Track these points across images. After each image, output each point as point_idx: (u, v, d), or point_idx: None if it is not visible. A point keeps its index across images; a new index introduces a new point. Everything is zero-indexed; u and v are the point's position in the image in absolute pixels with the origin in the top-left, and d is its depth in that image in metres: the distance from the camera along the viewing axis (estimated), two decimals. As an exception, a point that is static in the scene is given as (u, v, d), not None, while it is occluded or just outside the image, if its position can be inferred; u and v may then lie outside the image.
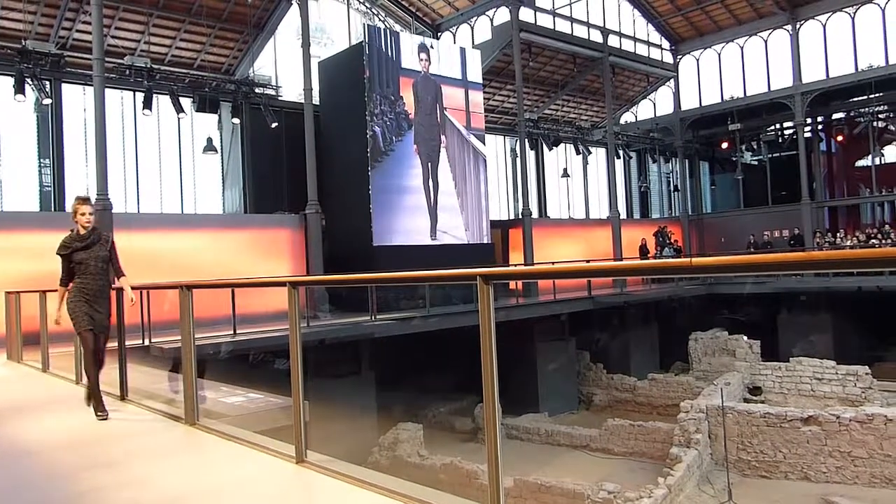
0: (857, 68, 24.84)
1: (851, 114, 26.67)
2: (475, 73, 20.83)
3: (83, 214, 5.66)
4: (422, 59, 19.36)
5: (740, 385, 18.01)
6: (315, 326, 13.79)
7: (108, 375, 6.71)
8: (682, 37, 29.06)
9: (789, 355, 18.97)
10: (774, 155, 28.72)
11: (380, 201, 17.93)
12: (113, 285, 5.93)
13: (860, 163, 27.64)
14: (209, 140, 18.22)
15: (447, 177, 19.56)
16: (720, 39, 28.34)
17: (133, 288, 5.83)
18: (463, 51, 20.81)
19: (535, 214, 24.57)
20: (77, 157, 16.96)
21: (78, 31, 16.61)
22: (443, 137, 19.54)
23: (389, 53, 18.68)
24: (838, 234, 25.29)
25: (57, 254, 5.64)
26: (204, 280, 10.74)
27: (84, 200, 5.72)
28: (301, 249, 17.39)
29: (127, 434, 4.96)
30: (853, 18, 24.83)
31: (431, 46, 19.77)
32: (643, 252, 25.28)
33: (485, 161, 20.86)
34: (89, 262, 5.62)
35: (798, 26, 26.09)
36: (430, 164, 19.12)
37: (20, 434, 5.14)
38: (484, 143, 20.90)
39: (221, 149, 19.20)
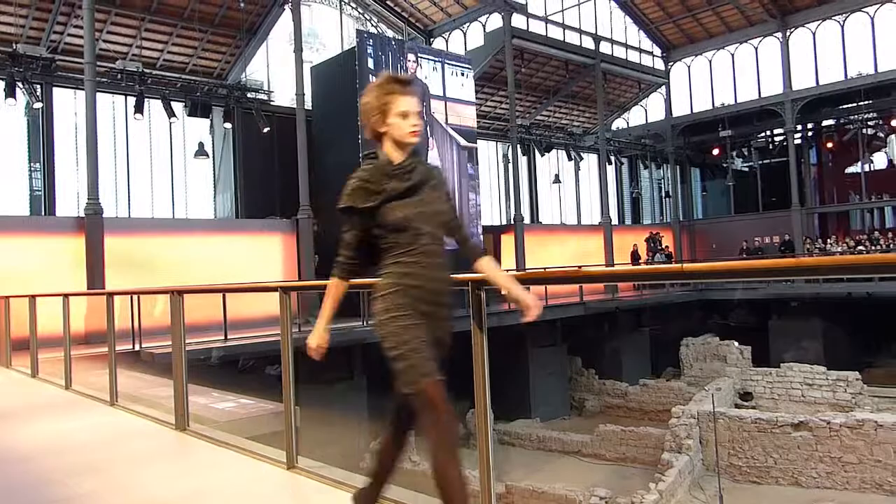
0: (846, 76, 25.04)
1: (841, 121, 26.87)
2: (468, 83, 20.87)
3: (405, 117, 2.57)
4: (410, 62, 19.38)
5: (731, 391, 18.07)
6: (307, 331, 13.74)
7: (100, 380, 6.68)
8: (674, 44, 29.22)
9: (780, 361, 19.03)
10: (765, 161, 28.89)
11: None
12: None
13: (850, 169, 27.82)
14: (201, 144, 18.17)
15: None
16: (711, 46, 28.50)
17: (123, 293, 4.86)
18: (448, 57, 20.88)
19: (526, 220, 24.61)
20: (68, 161, 16.88)
21: (69, 35, 16.55)
22: (430, 140, 19.56)
23: (381, 58, 18.71)
24: (828, 241, 25.43)
25: (344, 208, 2.56)
26: (195, 285, 10.71)
27: (404, 85, 2.61)
28: (293, 254, 17.36)
29: (116, 439, 4.93)
30: (842, 26, 25.03)
31: (426, 78, 19.77)
32: (635, 258, 25.34)
33: (476, 166, 20.88)
34: (420, 227, 2.54)
35: (788, 34, 26.27)
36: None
37: (9, 439, 5.10)
38: (476, 148, 20.93)
39: (213, 153, 19.16)
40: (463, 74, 20.79)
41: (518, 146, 23.68)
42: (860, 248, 23.40)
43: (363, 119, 2.65)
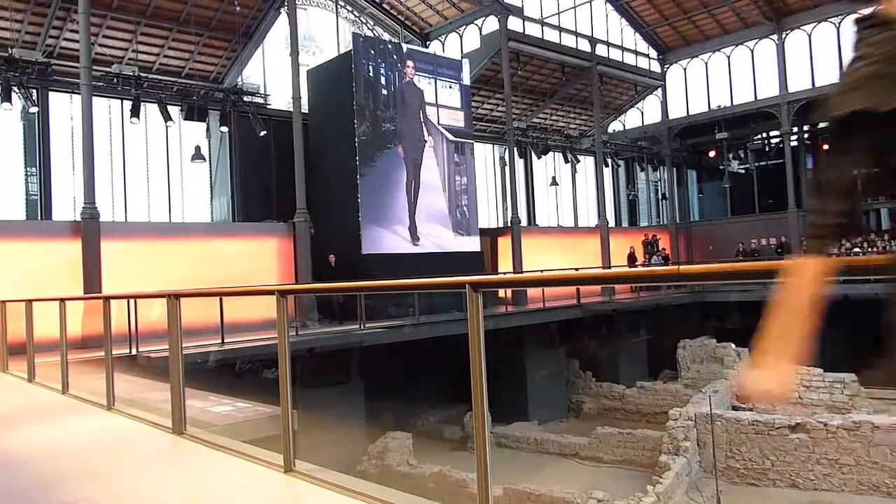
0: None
1: (837, 123, 26.91)
2: (456, 93, 20.93)
3: None
4: (407, 66, 19.44)
5: (728, 393, 18.07)
6: (304, 335, 13.75)
7: (97, 384, 6.66)
8: (670, 46, 29.28)
9: (777, 363, 19.02)
10: (761, 163, 28.97)
11: (369, 209, 17.94)
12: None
13: (845, 171, 27.86)
14: (197, 148, 18.16)
15: (435, 183, 19.60)
16: (707, 49, 28.57)
17: (119, 297, 4.88)
18: (441, 64, 20.96)
19: (523, 223, 24.63)
20: (64, 165, 16.87)
21: (65, 39, 16.55)
22: (427, 143, 19.61)
23: (377, 61, 18.75)
24: (824, 242, 25.44)
25: (842, 119, 1.37)
26: (192, 289, 10.68)
27: None
28: (290, 258, 17.34)
29: (114, 444, 4.92)
30: (838, 28, 25.10)
31: (426, 85, 19.83)
32: (631, 260, 25.36)
33: (463, 156, 20.86)
34: None
35: (784, 36, 26.37)
36: (413, 168, 19.19)
37: (6, 444, 5.08)
38: (462, 143, 20.92)
39: (210, 157, 19.14)
40: (451, 87, 20.86)
41: (515, 149, 23.70)
42: (856, 249, 23.45)
43: None
